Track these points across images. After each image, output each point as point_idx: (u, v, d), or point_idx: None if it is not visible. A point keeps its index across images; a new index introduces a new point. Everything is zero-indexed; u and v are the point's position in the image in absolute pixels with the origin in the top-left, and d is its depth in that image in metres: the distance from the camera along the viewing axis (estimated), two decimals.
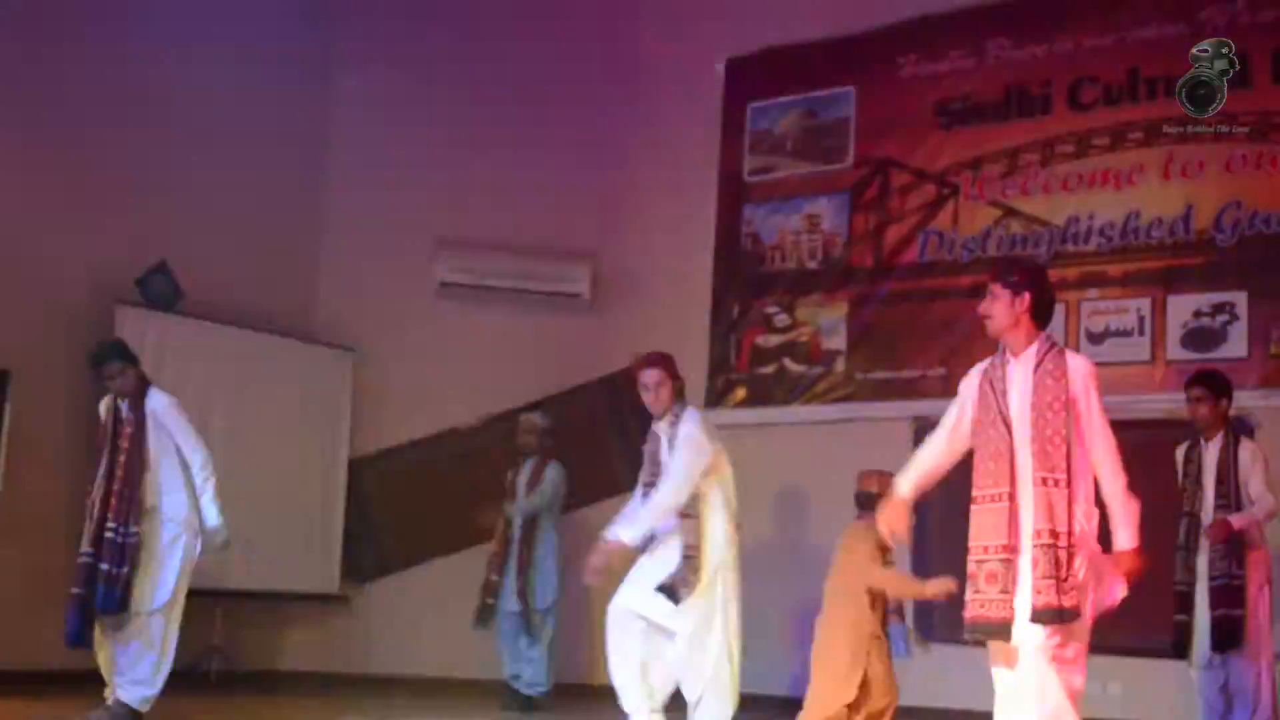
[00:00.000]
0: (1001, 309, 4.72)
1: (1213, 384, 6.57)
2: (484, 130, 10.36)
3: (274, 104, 10.07)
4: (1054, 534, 4.51)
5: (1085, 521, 4.59)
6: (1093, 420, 4.63)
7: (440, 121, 10.39)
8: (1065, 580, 4.46)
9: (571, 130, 10.43)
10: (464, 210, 10.31)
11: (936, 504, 5.77)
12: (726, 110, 10.36)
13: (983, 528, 4.64)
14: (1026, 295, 4.73)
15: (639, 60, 10.58)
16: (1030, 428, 4.60)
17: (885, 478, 5.44)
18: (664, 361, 6.39)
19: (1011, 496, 4.60)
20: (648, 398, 6.32)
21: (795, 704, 6.79)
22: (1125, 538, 4.62)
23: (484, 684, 8.69)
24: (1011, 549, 4.57)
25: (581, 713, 8.17)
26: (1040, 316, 4.76)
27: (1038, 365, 4.67)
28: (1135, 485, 4.79)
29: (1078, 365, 4.69)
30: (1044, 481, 4.54)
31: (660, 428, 6.30)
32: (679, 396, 6.35)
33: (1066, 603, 4.46)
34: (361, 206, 10.27)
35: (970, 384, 4.88)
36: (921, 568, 7.53)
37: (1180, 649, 6.46)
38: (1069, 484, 4.53)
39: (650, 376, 6.32)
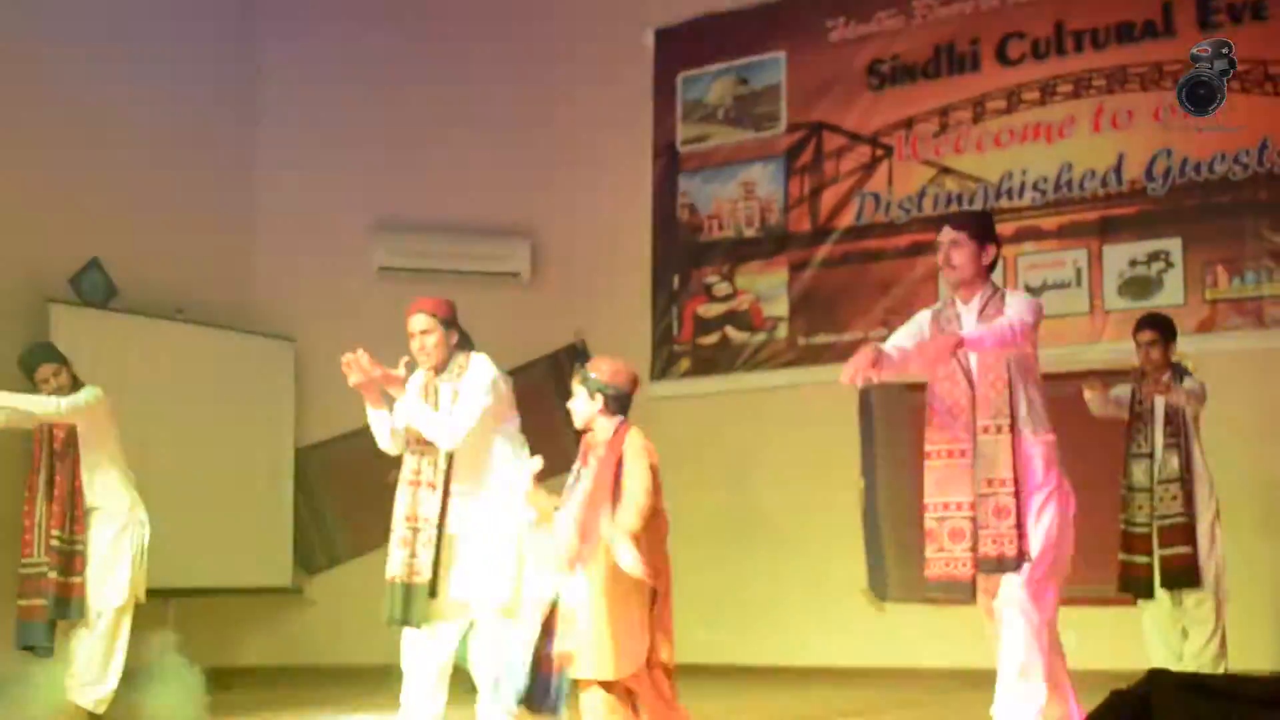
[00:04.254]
0: (966, 258, 4.72)
1: (1163, 327, 6.62)
2: (415, 110, 10.29)
3: (200, 91, 9.91)
4: (993, 482, 4.55)
5: (1045, 459, 4.59)
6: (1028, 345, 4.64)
7: (370, 103, 10.30)
8: (1008, 529, 4.50)
9: (503, 108, 10.38)
10: (399, 193, 10.24)
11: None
12: (657, 81, 10.36)
13: (943, 483, 4.66)
14: (991, 247, 4.75)
15: (569, 34, 10.53)
16: (976, 375, 4.62)
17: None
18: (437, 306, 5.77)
19: (972, 452, 4.61)
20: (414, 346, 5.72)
21: (745, 671, 6.83)
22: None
23: None
24: (973, 505, 4.59)
25: None
26: (993, 268, 4.79)
27: (981, 310, 4.70)
28: (1077, 436, 4.85)
29: (1013, 302, 4.71)
30: (985, 430, 4.57)
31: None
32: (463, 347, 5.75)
33: (1008, 551, 4.50)
34: (294, 193, 10.16)
35: (922, 323, 4.87)
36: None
37: (1138, 589, 6.48)
38: (1012, 428, 4.55)
39: (415, 324, 5.74)
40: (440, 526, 5.33)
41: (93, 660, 6.38)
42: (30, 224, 8.65)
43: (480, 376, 5.56)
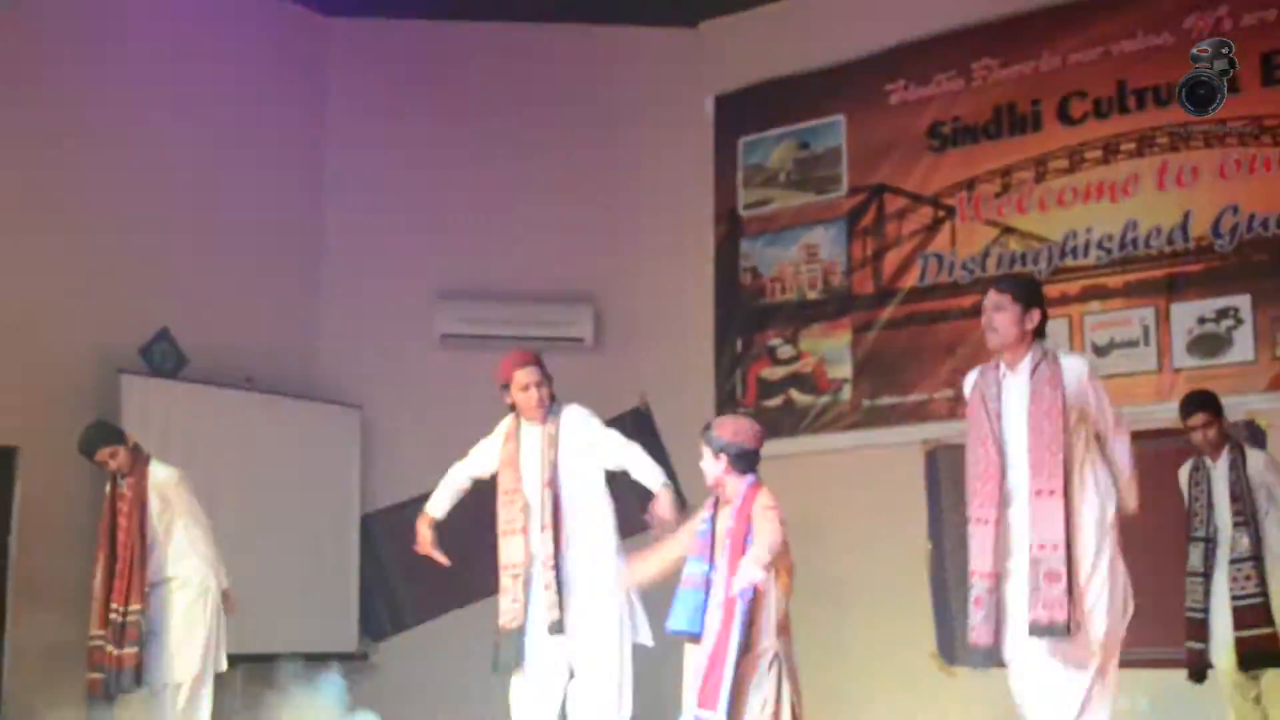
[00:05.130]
0: (1009, 322, 4.70)
1: (1212, 406, 6.51)
2: (478, 179, 10.38)
3: (267, 157, 10.05)
4: (1043, 546, 4.48)
5: (1098, 526, 4.54)
6: (1104, 408, 4.59)
7: (434, 172, 10.40)
8: (1059, 594, 4.42)
9: (565, 175, 10.46)
10: (461, 260, 10.32)
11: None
12: (718, 146, 10.40)
13: (972, 551, 4.63)
14: (1036, 312, 4.71)
15: (631, 101, 10.61)
16: (1027, 439, 4.56)
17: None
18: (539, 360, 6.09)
19: (997, 520, 4.56)
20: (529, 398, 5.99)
21: None
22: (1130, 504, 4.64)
23: None
24: (994, 575, 4.53)
25: None
26: (1042, 333, 4.74)
27: (1034, 372, 4.64)
28: (1149, 497, 4.77)
29: (1072, 364, 4.66)
30: (1038, 494, 4.51)
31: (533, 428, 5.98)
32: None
33: (1058, 617, 4.42)
34: (359, 262, 10.27)
35: (967, 389, 4.84)
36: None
37: (1197, 676, 6.36)
38: (1065, 493, 4.48)
39: (533, 375, 6.04)
40: (556, 567, 5.60)
41: None
42: (101, 295, 8.81)
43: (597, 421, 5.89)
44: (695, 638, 4.55)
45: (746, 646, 4.43)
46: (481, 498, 9.70)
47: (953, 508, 8.40)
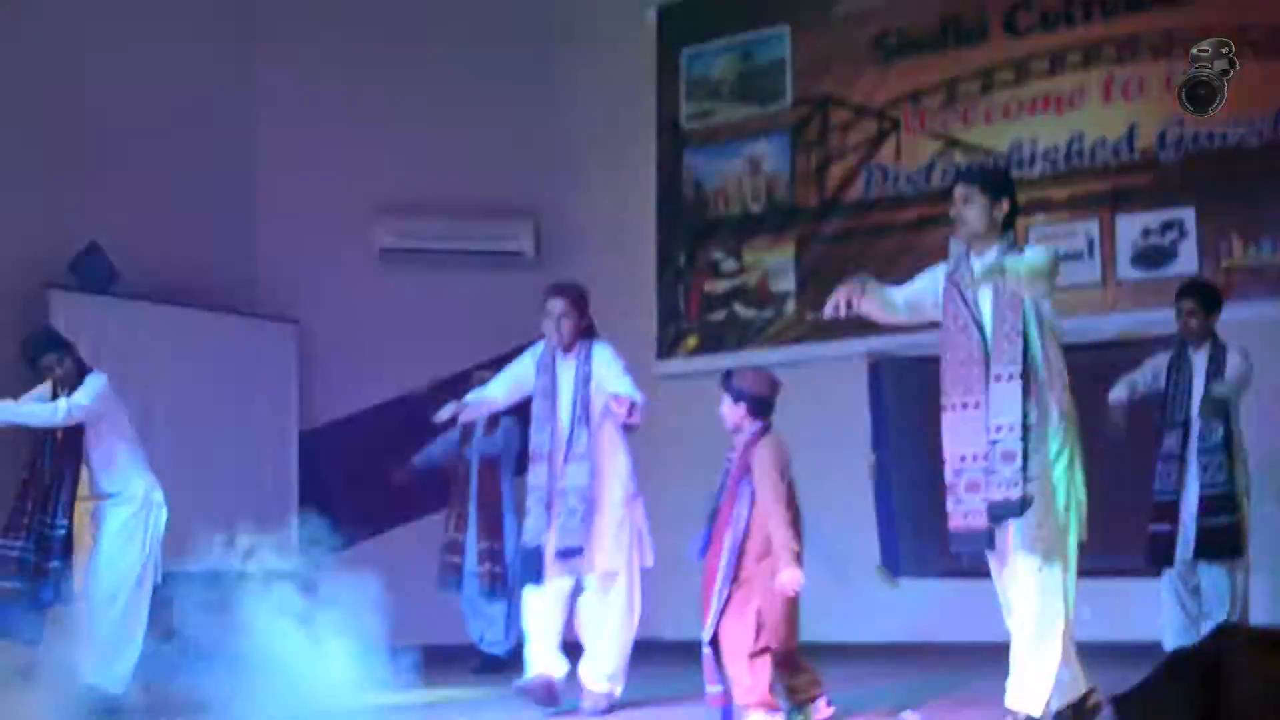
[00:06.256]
0: (977, 213, 4.69)
1: (1203, 298, 6.50)
2: (416, 92, 10.19)
3: (199, 71, 9.78)
4: (1000, 428, 4.49)
5: (1061, 408, 4.54)
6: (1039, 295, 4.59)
7: (371, 85, 10.18)
8: (1013, 474, 4.44)
9: (505, 87, 10.28)
10: (401, 174, 10.14)
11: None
12: (660, 58, 10.27)
13: (958, 436, 4.61)
14: (1005, 202, 4.70)
15: (571, 11, 10.49)
16: (993, 324, 4.58)
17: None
18: (568, 290, 6.08)
19: (987, 404, 4.55)
20: (550, 326, 6.00)
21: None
22: None
23: (454, 649, 8.59)
24: (987, 456, 4.53)
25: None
26: (1011, 223, 4.72)
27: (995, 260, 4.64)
28: (1091, 407, 4.77)
29: (1034, 249, 4.69)
30: (997, 378, 4.52)
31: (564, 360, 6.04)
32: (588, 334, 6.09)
33: (1013, 495, 4.42)
34: (295, 175, 10.04)
35: (934, 278, 4.81)
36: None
37: (1160, 559, 6.39)
38: (1023, 377, 4.47)
39: (556, 306, 6.00)
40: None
41: (109, 641, 6.35)
42: (28, 209, 8.56)
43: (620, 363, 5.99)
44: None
45: (734, 576, 4.86)
46: (422, 422, 9.64)
47: (898, 418, 8.41)
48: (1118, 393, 6.44)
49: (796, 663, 4.95)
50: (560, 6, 10.45)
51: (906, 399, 8.20)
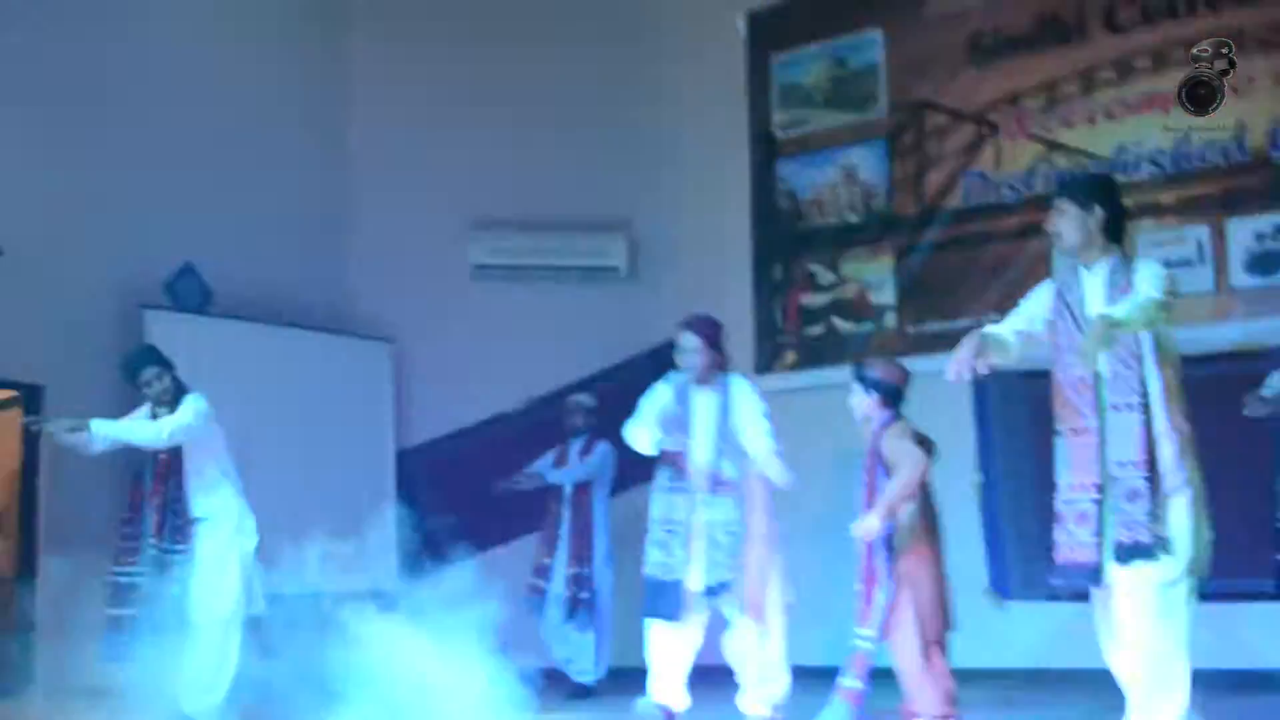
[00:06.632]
0: (1071, 225, 4.51)
1: None
2: (509, 107, 10.13)
3: (294, 92, 9.88)
4: (1124, 464, 4.28)
5: (1178, 441, 4.33)
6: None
7: (465, 102, 10.15)
8: (1143, 515, 4.23)
9: (596, 102, 10.21)
10: (494, 190, 10.09)
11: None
12: (751, 66, 10.12)
13: (1069, 464, 4.42)
14: (1098, 209, 4.50)
15: (659, 24, 10.35)
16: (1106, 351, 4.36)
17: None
18: (701, 325, 6.07)
19: (1099, 429, 4.35)
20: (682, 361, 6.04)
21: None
22: None
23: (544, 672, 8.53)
24: (1099, 486, 4.33)
25: (633, 696, 7.94)
26: (1112, 231, 4.52)
27: (1110, 279, 4.45)
28: (1205, 421, 4.55)
29: (1147, 274, 4.43)
30: (1115, 408, 4.31)
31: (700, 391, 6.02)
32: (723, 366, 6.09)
33: (1144, 537, 4.21)
34: (390, 192, 10.06)
35: (1044, 296, 4.62)
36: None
37: None
38: (1143, 408, 4.27)
39: (688, 341, 6.03)
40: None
41: (202, 670, 6.33)
42: (124, 229, 8.65)
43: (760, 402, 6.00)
44: None
45: (891, 571, 5.01)
46: (518, 440, 9.61)
47: (1004, 436, 8.18)
48: (1253, 410, 6.15)
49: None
50: (650, 18, 10.33)
51: (1013, 416, 7.98)
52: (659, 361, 9.51)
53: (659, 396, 6.06)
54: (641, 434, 6.00)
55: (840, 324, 9.44)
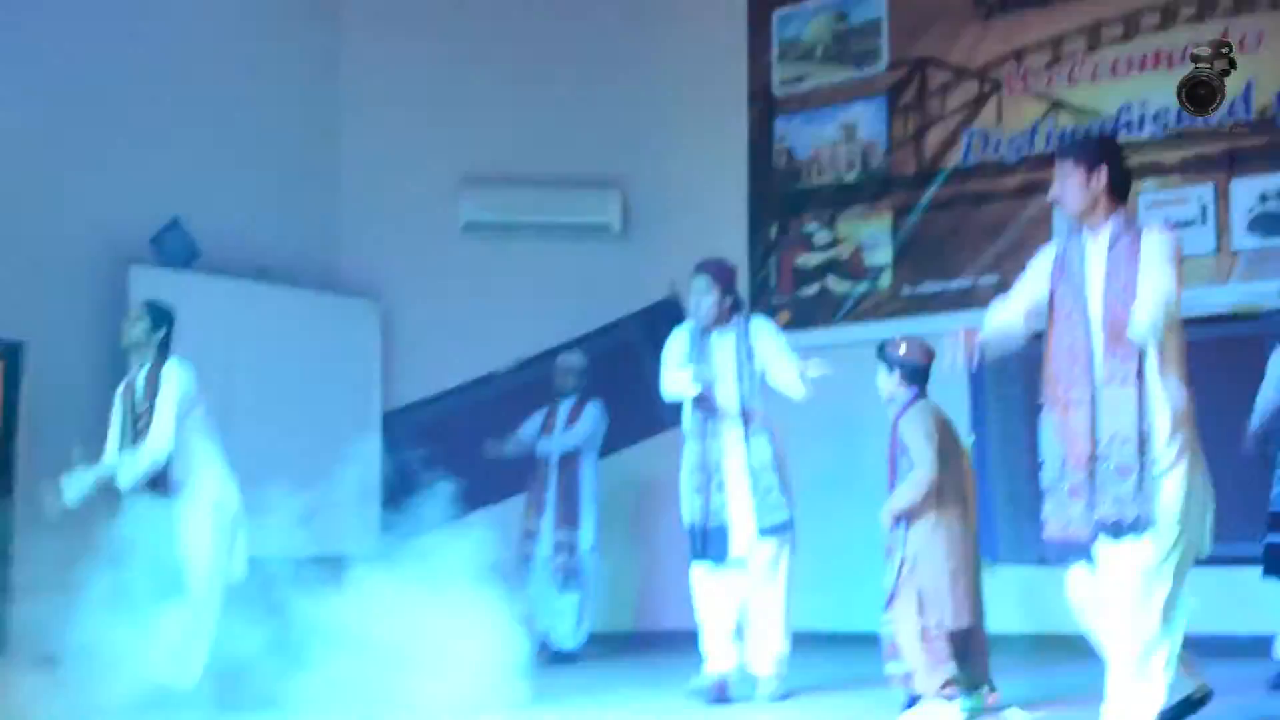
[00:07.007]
0: (1074, 189, 4.34)
1: None
2: (500, 62, 9.97)
3: (282, 47, 9.67)
4: (1115, 438, 4.14)
5: (1173, 417, 4.16)
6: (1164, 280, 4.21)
7: (455, 56, 9.98)
8: (1130, 490, 4.10)
9: (592, 54, 10.04)
10: (486, 146, 9.92)
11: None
12: (751, 21, 9.94)
13: (1061, 435, 4.28)
14: (1104, 169, 4.33)
15: None
16: (1103, 319, 4.20)
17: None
18: (714, 268, 6.04)
19: (1092, 401, 4.20)
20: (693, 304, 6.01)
21: (852, 639, 6.46)
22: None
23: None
24: (1092, 459, 4.18)
25: (615, 662, 7.84)
26: (1118, 192, 4.35)
27: (1112, 245, 4.26)
28: (1205, 385, 4.40)
29: (1153, 239, 4.26)
30: (1110, 380, 4.15)
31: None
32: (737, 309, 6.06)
33: (1127, 515, 4.08)
34: (379, 148, 9.88)
35: (1044, 263, 4.46)
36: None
37: (1276, 569, 6.01)
38: (1139, 380, 4.11)
39: (699, 284, 5.99)
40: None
41: (180, 639, 6.18)
42: (109, 185, 8.49)
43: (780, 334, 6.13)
44: None
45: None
46: (507, 401, 9.48)
47: (998, 398, 8.05)
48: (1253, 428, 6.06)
49: (966, 644, 4.93)
50: None
51: (1009, 377, 7.84)
52: (651, 321, 9.42)
53: (678, 343, 6.02)
54: (680, 377, 5.91)
55: (836, 284, 9.29)
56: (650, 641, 8.73)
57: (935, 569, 4.86)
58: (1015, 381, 7.58)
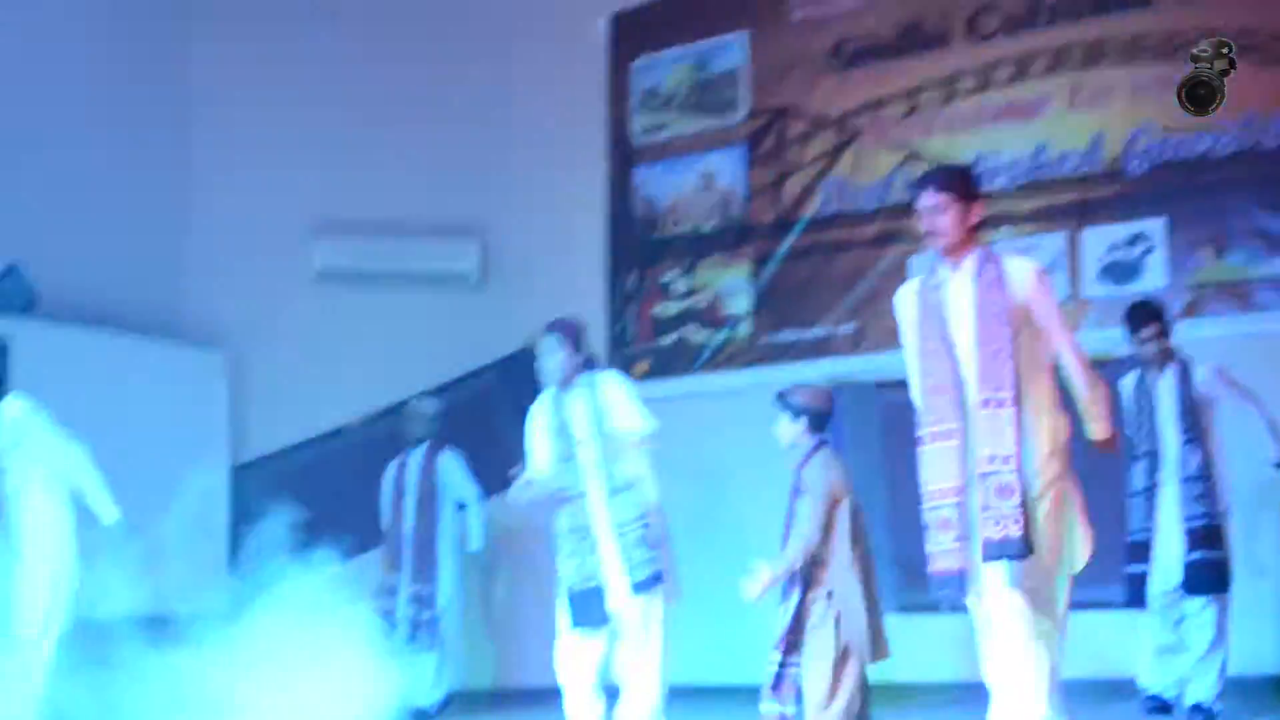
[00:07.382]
0: (953, 223, 4.30)
1: (1162, 316, 6.17)
2: (356, 106, 9.83)
3: (129, 89, 9.41)
4: (994, 459, 4.12)
5: (1049, 442, 4.19)
6: (1053, 320, 4.27)
7: (308, 100, 9.83)
8: (1012, 509, 4.09)
9: (449, 102, 9.94)
10: (340, 191, 9.77)
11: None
12: (611, 69, 9.92)
13: (932, 470, 4.25)
14: (978, 205, 4.32)
15: (516, 23, 10.08)
16: (975, 345, 4.18)
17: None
18: (562, 326, 5.96)
19: (961, 432, 4.17)
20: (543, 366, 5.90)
21: (723, 692, 6.35)
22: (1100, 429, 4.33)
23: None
24: (963, 490, 4.14)
25: None
26: (981, 226, 4.36)
27: (979, 274, 4.25)
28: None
29: (1019, 267, 4.28)
30: (986, 404, 4.13)
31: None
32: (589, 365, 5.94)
33: (1013, 533, 4.06)
34: (228, 193, 9.66)
35: (905, 305, 4.44)
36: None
37: (1137, 599, 6.03)
38: (1015, 403, 4.11)
39: (549, 344, 5.90)
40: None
41: (12, 692, 6.04)
42: None
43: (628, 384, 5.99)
44: None
45: (799, 611, 4.82)
46: (360, 454, 9.26)
47: (856, 448, 8.05)
48: None
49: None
50: (507, 17, 10.05)
51: (867, 426, 7.87)
52: (509, 372, 9.28)
53: (540, 416, 5.92)
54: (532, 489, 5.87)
55: (694, 332, 9.27)
56: (511, 699, 8.55)
57: (854, 607, 4.76)
58: (874, 430, 7.66)
